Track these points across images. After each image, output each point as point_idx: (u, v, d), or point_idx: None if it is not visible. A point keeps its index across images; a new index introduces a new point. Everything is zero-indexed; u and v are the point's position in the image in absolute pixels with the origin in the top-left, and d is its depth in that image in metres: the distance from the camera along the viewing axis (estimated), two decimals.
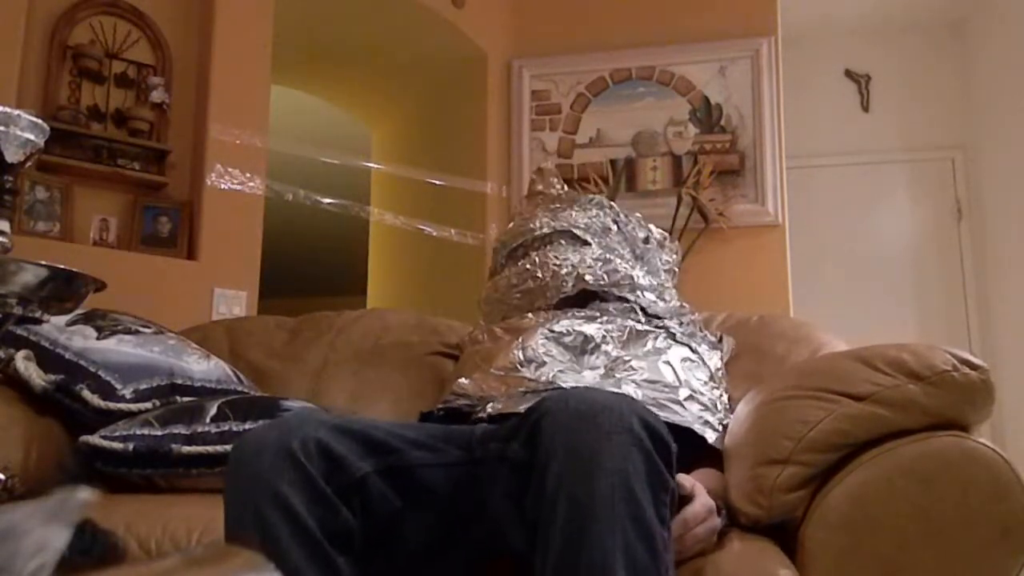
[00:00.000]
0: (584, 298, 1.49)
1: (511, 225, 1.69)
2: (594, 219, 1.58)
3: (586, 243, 1.53)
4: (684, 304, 1.58)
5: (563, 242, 1.53)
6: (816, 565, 0.99)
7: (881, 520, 0.97)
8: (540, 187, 1.73)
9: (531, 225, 1.59)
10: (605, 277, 1.47)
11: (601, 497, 0.83)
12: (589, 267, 1.48)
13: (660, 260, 1.63)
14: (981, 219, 3.93)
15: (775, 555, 0.99)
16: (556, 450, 0.87)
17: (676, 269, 1.67)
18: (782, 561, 0.98)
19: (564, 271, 1.48)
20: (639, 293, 1.50)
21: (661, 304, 1.53)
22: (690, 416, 1.23)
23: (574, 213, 1.58)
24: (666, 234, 1.69)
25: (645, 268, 1.57)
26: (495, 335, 1.51)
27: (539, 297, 1.51)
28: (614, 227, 1.59)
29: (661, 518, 0.86)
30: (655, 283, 1.55)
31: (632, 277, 1.50)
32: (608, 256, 1.51)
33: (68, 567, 0.47)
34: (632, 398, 0.96)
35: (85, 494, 0.48)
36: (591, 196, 1.66)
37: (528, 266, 1.52)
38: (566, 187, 1.78)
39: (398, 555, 1.00)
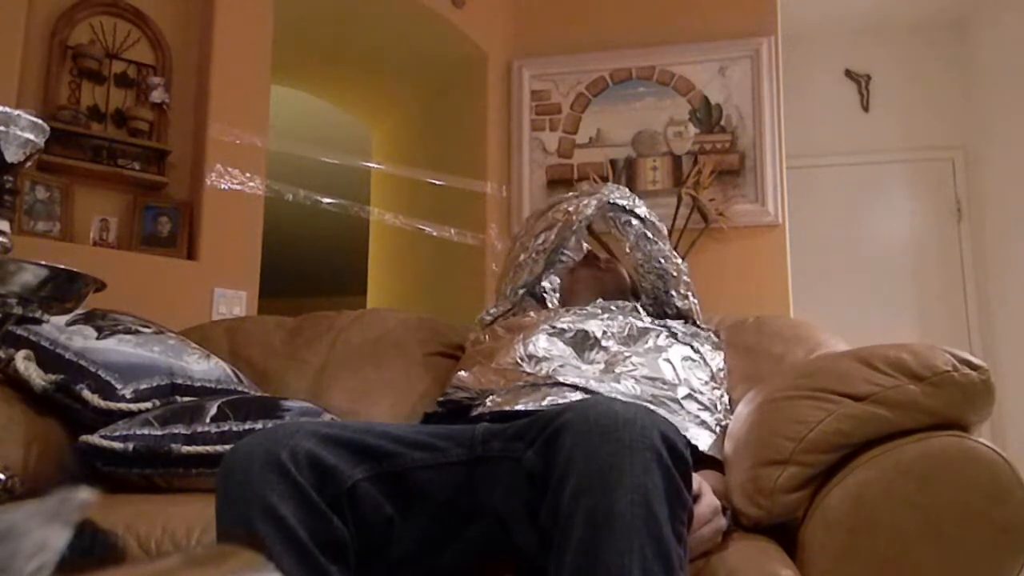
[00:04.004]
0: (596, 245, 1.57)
1: None
2: (619, 191, 1.69)
3: (607, 194, 1.65)
4: (686, 278, 1.61)
5: (586, 196, 1.64)
6: (817, 565, 0.99)
7: (881, 520, 0.97)
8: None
9: (554, 198, 1.72)
10: (626, 203, 1.61)
11: (619, 513, 0.82)
12: (612, 196, 1.62)
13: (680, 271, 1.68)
14: (981, 219, 3.93)
15: (777, 555, 0.99)
16: (575, 462, 0.86)
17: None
18: (783, 561, 0.98)
19: (584, 202, 1.60)
20: (645, 223, 1.61)
21: (667, 255, 1.61)
22: (687, 415, 1.23)
23: (599, 188, 1.69)
24: (681, 262, 1.71)
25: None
26: (496, 334, 1.51)
27: (563, 232, 1.58)
28: (636, 200, 1.68)
29: (678, 535, 0.85)
30: (665, 237, 1.66)
31: (647, 218, 1.61)
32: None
33: (68, 567, 0.47)
34: (653, 411, 0.94)
35: (85, 494, 0.48)
36: (617, 185, 1.79)
37: (551, 213, 1.64)
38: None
39: (393, 561, 1.00)
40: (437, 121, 3.77)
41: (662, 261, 1.60)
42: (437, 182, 3.50)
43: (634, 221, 1.61)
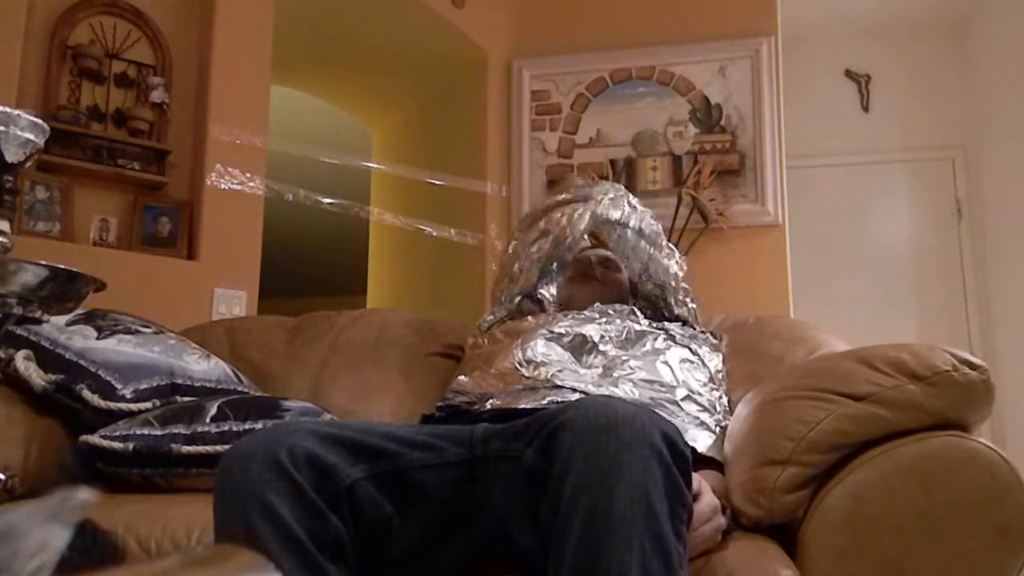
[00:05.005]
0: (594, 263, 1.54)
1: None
2: (613, 198, 1.66)
3: (600, 202, 1.63)
4: (685, 285, 1.61)
5: (581, 204, 1.62)
6: (817, 565, 0.99)
7: (881, 520, 0.97)
8: (560, 185, 1.81)
9: (548, 201, 1.69)
10: (618, 215, 1.58)
11: (619, 510, 0.82)
12: (605, 206, 1.59)
13: (671, 263, 1.66)
14: (981, 219, 3.93)
15: (776, 555, 0.99)
16: (575, 460, 0.86)
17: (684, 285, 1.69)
18: (783, 561, 0.98)
19: (578, 213, 1.57)
20: (644, 243, 1.60)
21: (662, 261, 1.61)
22: (686, 417, 1.23)
23: (594, 188, 1.67)
24: (675, 249, 1.70)
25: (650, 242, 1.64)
26: (495, 338, 1.52)
27: (556, 246, 1.58)
28: (629, 208, 1.65)
29: (678, 533, 0.85)
30: (662, 245, 1.63)
31: (642, 229, 1.60)
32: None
33: (68, 567, 0.47)
34: (653, 410, 0.94)
35: (85, 494, 0.48)
36: (613, 183, 1.75)
37: (544, 223, 1.62)
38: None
39: (392, 560, 1.00)
40: (437, 121, 3.77)
41: (659, 272, 1.60)
42: (437, 182, 3.50)
43: (629, 234, 1.60)
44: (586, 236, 1.66)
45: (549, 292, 1.68)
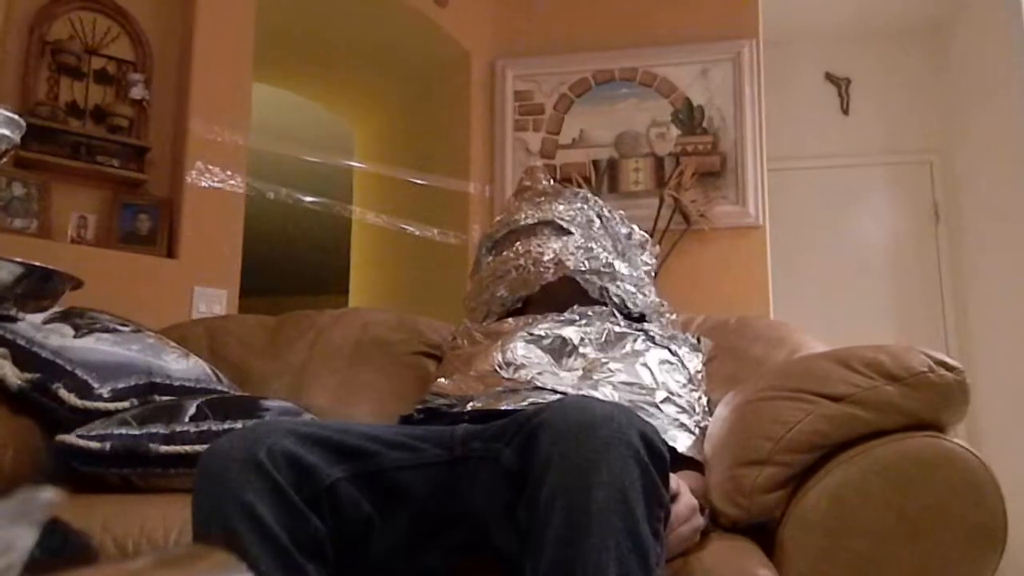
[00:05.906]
0: (566, 293, 1.49)
1: (497, 219, 1.70)
2: (578, 211, 1.60)
3: (569, 232, 1.55)
4: (664, 302, 1.60)
5: (546, 232, 1.56)
6: (794, 564, 0.99)
7: (858, 520, 0.97)
8: (528, 183, 1.74)
9: (515, 217, 1.62)
10: (586, 263, 1.50)
11: (597, 509, 0.82)
12: (571, 253, 1.50)
13: (640, 260, 1.64)
14: (958, 222, 3.97)
15: (755, 555, 1.00)
16: (553, 460, 0.86)
17: (655, 272, 1.67)
18: (761, 561, 0.99)
19: (546, 257, 1.50)
20: (619, 284, 1.52)
21: (640, 297, 1.55)
22: (665, 419, 1.23)
23: (558, 205, 1.60)
24: (647, 236, 1.69)
25: (626, 262, 1.58)
26: (474, 340, 1.51)
27: (522, 286, 1.53)
28: (597, 221, 1.60)
29: (655, 532, 0.86)
30: (635, 275, 1.57)
31: (613, 266, 1.53)
32: (590, 245, 1.54)
33: (38, 568, 0.46)
34: (631, 410, 0.95)
35: (49, 493, 0.47)
36: (576, 190, 1.69)
37: (511, 255, 1.55)
38: (553, 183, 1.78)
39: (372, 560, 0.99)
40: (420, 120, 3.77)
41: (638, 303, 1.55)
42: (420, 182, 3.49)
43: (603, 280, 1.52)
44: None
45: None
